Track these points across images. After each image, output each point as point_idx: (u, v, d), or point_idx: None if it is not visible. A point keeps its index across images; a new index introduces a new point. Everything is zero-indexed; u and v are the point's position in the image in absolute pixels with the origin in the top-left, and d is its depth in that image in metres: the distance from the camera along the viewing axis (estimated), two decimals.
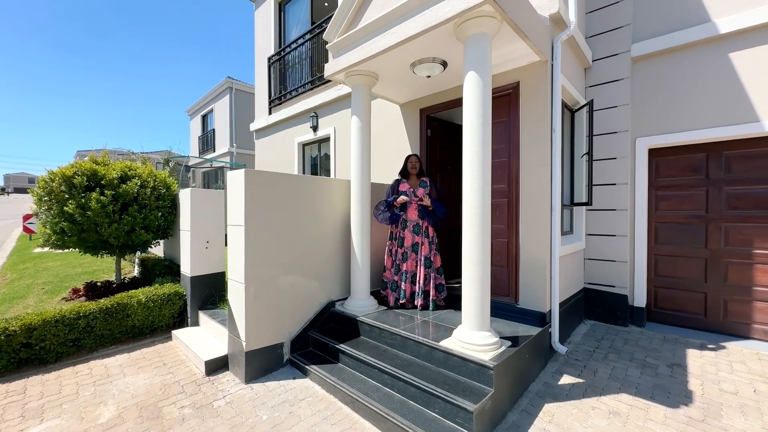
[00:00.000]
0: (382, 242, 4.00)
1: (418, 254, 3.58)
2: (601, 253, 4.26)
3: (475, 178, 2.52)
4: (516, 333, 2.93)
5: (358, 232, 3.50)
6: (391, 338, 2.98)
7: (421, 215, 3.60)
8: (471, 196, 2.54)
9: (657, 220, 4.18)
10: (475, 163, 2.52)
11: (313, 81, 6.01)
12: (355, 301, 3.51)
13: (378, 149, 4.78)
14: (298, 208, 3.31)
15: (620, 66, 4.11)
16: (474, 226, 2.53)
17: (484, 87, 2.51)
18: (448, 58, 3.20)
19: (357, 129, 3.51)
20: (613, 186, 4.17)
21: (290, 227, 3.24)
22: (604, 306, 4.25)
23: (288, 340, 3.25)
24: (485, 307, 2.56)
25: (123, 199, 4.14)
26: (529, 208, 3.31)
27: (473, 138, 2.52)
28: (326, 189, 3.58)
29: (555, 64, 3.25)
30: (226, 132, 16.78)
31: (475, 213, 2.52)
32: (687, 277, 4.00)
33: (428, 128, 4.33)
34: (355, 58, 3.24)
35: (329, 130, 5.77)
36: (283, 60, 6.76)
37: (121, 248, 4.43)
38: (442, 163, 4.61)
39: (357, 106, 3.52)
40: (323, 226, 3.54)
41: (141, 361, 3.32)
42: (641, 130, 4.11)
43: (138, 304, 3.68)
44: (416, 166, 3.71)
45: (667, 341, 3.70)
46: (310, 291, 3.44)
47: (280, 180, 3.18)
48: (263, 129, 7.47)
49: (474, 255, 2.54)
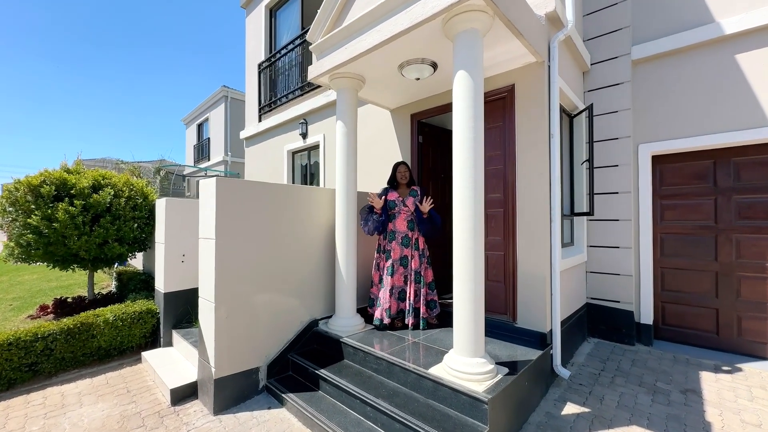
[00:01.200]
0: (370, 256, 3.74)
1: (407, 268, 3.32)
2: (604, 266, 4.00)
3: (466, 186, 2.28)
4: (514, 357, 2.66)
5: (343, 245, 3.25)
6: (377, 363, 2.70)
7: (411, 226, 3.35)
8: (462, 206, 2.29)
9: (662, 230, 3.94)
10: (467, 170, 2.28)
11: (302, 87, 5.82)
12: (339, 320, 3.24)
13: (367, 157, 4.56)
14: (277, 220, 3.05)
15: (620, 69, 3.92)
16: (466, 239, 2.28)
17: (475, 87, 2.29)
18: (438, 59, 2.99)
19: (342, 134, 3.29)
20: (615, 195, 3.94)
21: (268, 240, 2.99)
22: (608, 323, 3.97)
23: (265, 365, 2.96)
24: (479, 331, 2.30)
25: (94, 210, 3.88)
26: (527, 218, 3.07)
27: (464, 142, 2.29)
28: (309, 198, 3.34)
29: (552, 66, 3.05)
30: (221, 141, 16.63)
31: (467, 225, 2.28)
32: (696, 292, 3.74)
33: (419, 134, 4.11)
34: (339, 59, 3.03)
35: (318, 137, 5.56)
36: (273, 66, 6.59)
37: (93, 262, 4.15)
38: (434, 170, 4.39)
39: (342, 110, 3.30)
40: (305, 239, 3.29)
41: (103, 388, 3.02)
42: (644, 136, 3.90)
43: (105, 324, 3.39)
44: (405, 175, 3.47)
45: (678, 362, 3.42)
46: (290, 309, 3.16)
47: (257, 189, 2.94)
48: (253, 137, 7.27)
49: (466, 272, 2.28)
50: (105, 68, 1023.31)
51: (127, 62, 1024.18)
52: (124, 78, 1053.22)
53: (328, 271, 3.46)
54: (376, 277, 3.45)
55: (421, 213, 3.27)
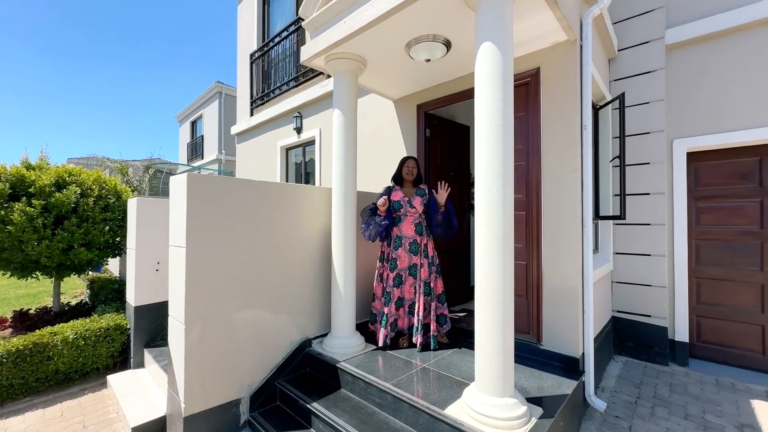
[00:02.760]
0: (371, 265, 3.30)
1: (416, 279, 2.88)
2: (633, 276, 3.58)
3: (494, 185, 1.84)
4: (544, 389, 2.22)
5: (340, 253, 2.80)
6: (380, 396, 2.25)
7: (419, 230, 2.91)
8: (489, 208, 1.86)
9: (698, 236, 3.52)
10: (494, 164, 1.84)
11: (297, 77, 5.37)
12: (336, 340, 2.79)
13: (367, 154, 4.12)
14: (263, 224, 2.60)
15: (653, 55, 3.50)
16: (493, 249, 1.84)
17: (504, 64, 1.85)
18: (453, 36, 2.56)
19: (340, 125, 2.84)
20: (646, 196, 3.52)
21: (252, 248, 2.53)
22: (638, 339, 3.55)
23: (247, 395, 2.51)
24: (508, 363, 1.86)
25: (57, 211, 3.41)
26: (554, 222, 2.64)
27: (491, 131, 1.85)
28: (301, 199, 2.89)
29: (585, 45, 2.62)
30: (215, 138, 16.12)
31: (494, 231, 1.84)
32: (738, 306, 3.32)
33: (427, 127, 3.67)
34: (337, 36, 2.58)
35: (314, 132, 5.11)
36: (266, 56, 6.13)
37: (58, 269, 3.68)
38: (443, 168, 3.95)
39: (340, 97, 2.85)
40: (297, 246, 2.84)
41: (56, 422, 2.56)
42: (679, 131, 3.48)
43: (63, 344, 2.92)
44: (413, 171, 3.03)
45: (723, 387, 3.00)
46: (278, 328, 2.71)
47: (238, 188, 2.48)
48: (245, 132, 6.80)
49: (493, 289, 1.85)
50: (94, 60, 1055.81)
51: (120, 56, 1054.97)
52: (116, 72, 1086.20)
53: (323, 284, 3.01)
54: (378, 290, 3.00)
55: (437, 207, 2.82)
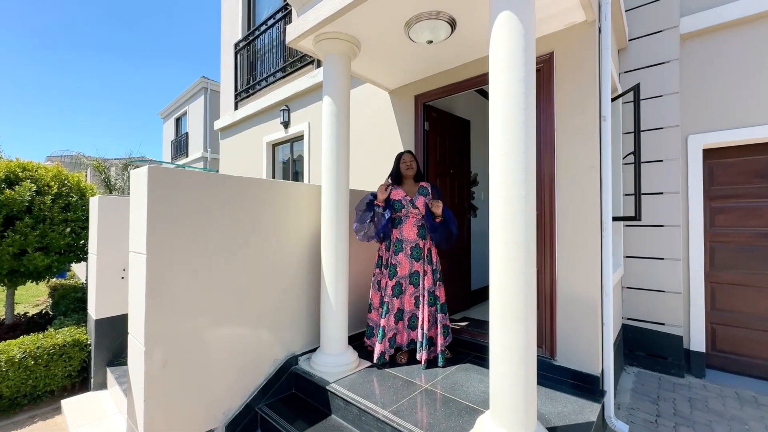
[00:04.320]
0: (365, 270, 2.98)
1: (416, 288, 2.58)
2: (645, 281, 3.35)
3: (514, 180, 1.55)
4: (563, 415, 1.94)
5: (331, 257, 2.48)
6: (378, 427, 1.94)
7: (422, 233, 2.61)
8: (507, 209, 1.57)
9: (712, 238, 3.31)
10: (514, 157, 1.55)
11: (284, 68, 5.02)
12: (325, 357, 2.46)
13: (360, 150, 3.80)
14: (240, 225, 2.26)
15: (666, 45, 3.27)
16: (513, 258, 1.56)
17: (525, 36, 1.56)
18: (458, 13, 2.26)
19: (330, 114, 2.52)
20: (659, 196, 3.29)
21: (228, 254, 2.19)
22: (650, 349, 3.32)
23: (222, 425, 2.16)
24: (530, 392, 1.58)
25: (8, 210, 2.99)
26: (571, 224, 2.37)
27: (509, 117, 1.56)
28: (286, 197, 2.55)
29: (604, 27, 2.35)
30: (200, 135, 15.56)
31: (513, 237, 1.55)
32: (757, 313, 3.12)
33: (426, 120, 3.38)
34: (327, 12, 2.26)
35: (303, 126, 4.76)
36: (251, 46, 5.75)
37: (10, 276, 3.25)
38: (442, 164, 3.66)
39: (331, 83, 2.53)
40: (281, 251, 2.50)
41: None
42: (694, 126, 3.26)
43: (9, 364, 2.52)
44: (412, 165, 2.72)
45: (745, 402, 2.78)
46: (260, 345, 2.37)
47: (211, 183, 2.14)
48: (228, 127, 6.40)
49: (514, 305, 1.57)
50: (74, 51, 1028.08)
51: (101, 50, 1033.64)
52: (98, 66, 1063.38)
53: (312, 292, 2.68)
54: (375, 299, 2.69)
55: (432, 217, 2.53)
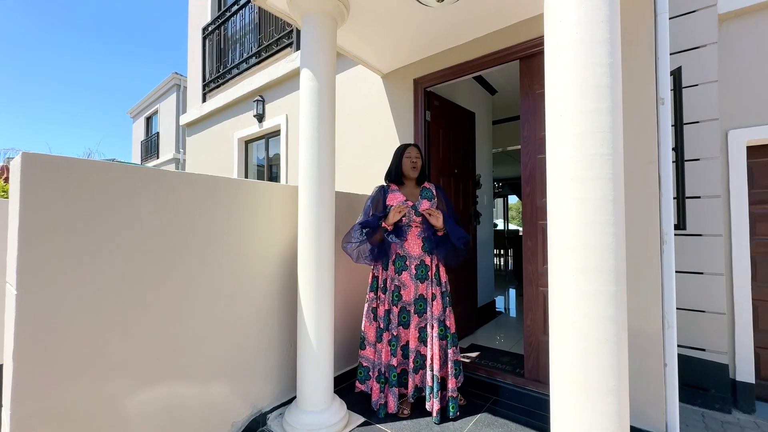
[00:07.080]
0: (355, 292, 2.37)
1: (423, 316, 1.99)
2: (682, 299, 2.88)
3: (596, 177, 1.00)
4: None
5: (311, 278, 1.85)
6: None
7: (428, 247, 2.02)
8: (584, 224, 1.01)
9: (754, 249, 2.88)
10: (599, 136, 1.00)
11: (258, 52, 4.36)
12: (303, 416, 1.82)
13: (347, 146, 3.20)
14: (185, 240, 1.60)
15: (703, 27, 2.85)
16: (597, 298, 1.01)
17: None
18: None
19: (310, 91, 1.91)
20: (697, 200, 2.84)
21: (163, 281, 1.53)
22: (688, 378, 2.84)
23: None
24: None
25: None
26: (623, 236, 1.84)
27: (590, 78, 1.00)
28: (251, 200, 1.91)
29: None
30: (172, 135, 14.55)
31: (600, 262, 1.02)
32: None
33: (427, 109, 2.81)
34: None
35: (279, 120, 4.12)
36: (221, 30, 5.07)
37: None
38: (445, 162, 3.10)
39: (311, 52, 1.92)
40: (243, 273, 1.85)
41: None
42: (735, 120, 2.85)
43: None
44: (418, 164, 2.13)
45: None
46: (209, 407, 1.71)
47: (129, 182, 1.47)
48: (195, 122, 5.66)
49: (600, 375, 1.00)
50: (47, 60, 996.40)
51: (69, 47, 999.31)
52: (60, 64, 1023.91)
53: (285, 324, 2.04)
54: (370, 333, 2.07)
55: (433, 230, 1.97)
